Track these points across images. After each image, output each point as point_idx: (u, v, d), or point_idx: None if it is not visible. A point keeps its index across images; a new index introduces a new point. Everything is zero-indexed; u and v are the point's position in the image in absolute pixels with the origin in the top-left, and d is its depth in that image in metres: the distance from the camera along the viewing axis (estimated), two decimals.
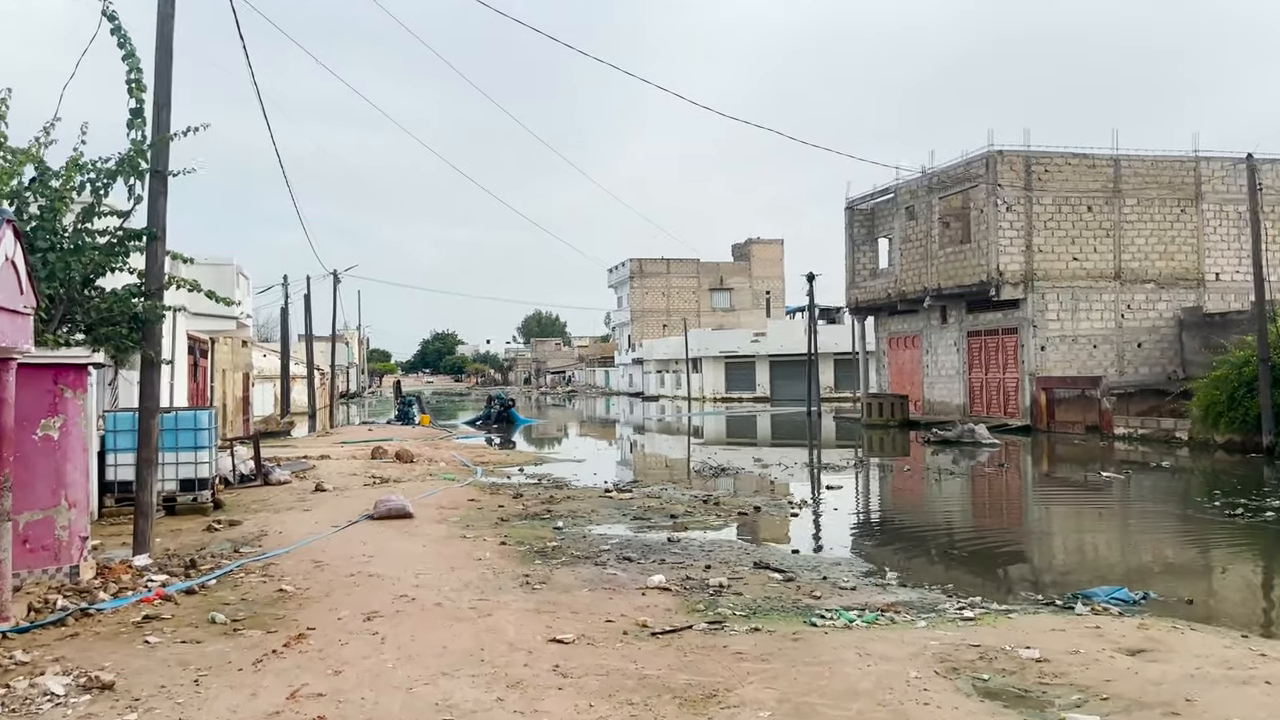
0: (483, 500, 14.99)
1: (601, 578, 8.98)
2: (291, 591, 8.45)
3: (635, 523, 12.79)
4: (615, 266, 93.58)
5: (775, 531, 12.52)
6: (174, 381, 19.64)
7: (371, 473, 19.01)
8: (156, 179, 10.27)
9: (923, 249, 33.47)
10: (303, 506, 14.37)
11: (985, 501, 16.04)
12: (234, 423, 29.75)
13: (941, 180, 32.60)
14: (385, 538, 11.39)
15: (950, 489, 17.42)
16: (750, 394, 64.71)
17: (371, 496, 15.37)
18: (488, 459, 22.64)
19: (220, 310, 21.98)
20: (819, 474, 19.91)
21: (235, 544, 11.35)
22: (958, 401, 33.46)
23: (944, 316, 34.05)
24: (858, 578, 9.23)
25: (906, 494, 16.84)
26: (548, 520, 12.95)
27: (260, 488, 16.84)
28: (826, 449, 28.19)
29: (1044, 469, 20.99)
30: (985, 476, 18.74)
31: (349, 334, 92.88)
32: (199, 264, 21.77)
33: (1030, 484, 18.41)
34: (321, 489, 16.30)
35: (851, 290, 38.59)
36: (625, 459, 25.33)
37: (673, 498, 15.20)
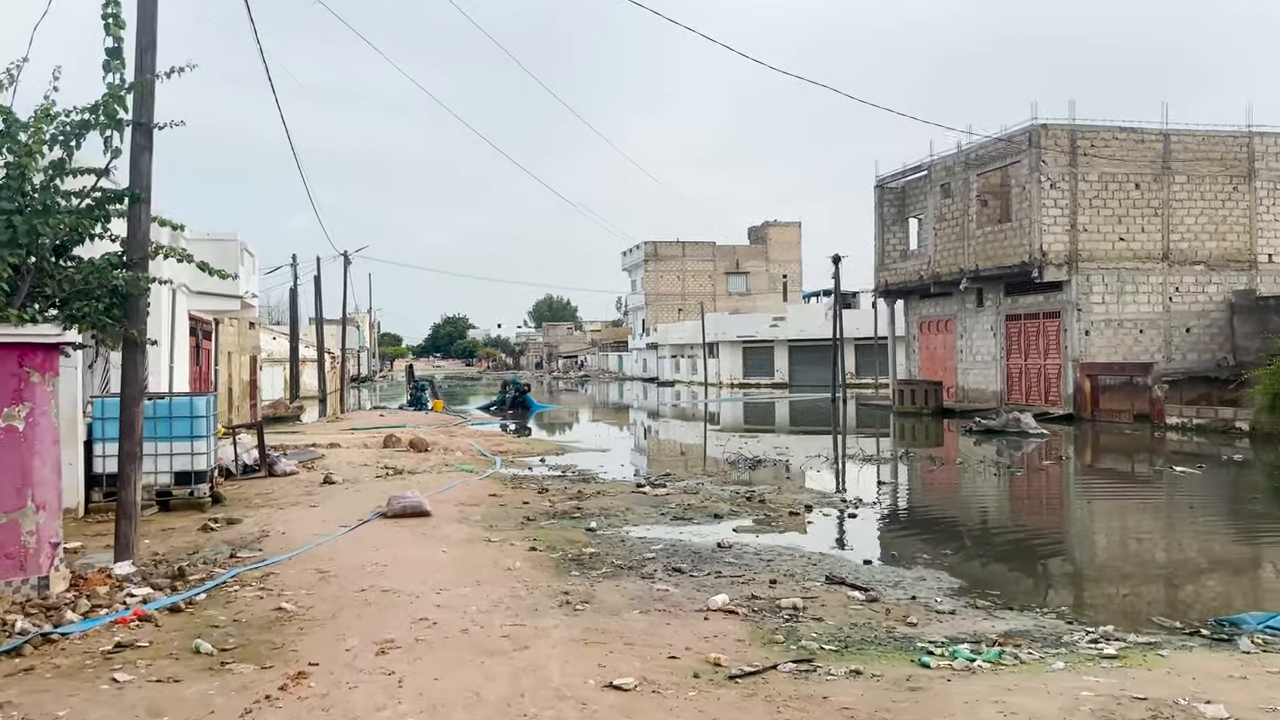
0: (505, 495, 13.74)
1: (652, 595, 7.70)
2: (292, 611, 7.20)
3: (676, 524, 11.50)
4: (629, 250, 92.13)
5: (836, 535, 11.21)
6: (174, 364, 18.42)
7: (384, 463, 17.79)
8: (139, 131, 8.97)
9: (959, 228, 31.97)
10: (309, 502, 13.14)
11: (1059, 501, 14.64)
12: (240, 408, 28.60)
13: (980, 156, 31.07)
14: (400, 541, 10.13)
15: (1015, 486, 16.03)
16: (768, 380, 63.33)
17: (384, 490, 14.14)
18: (506, 448, 21.40)
19: (224, 289, 20.77)
20: (864, 467, 18.59)
21: (232, 547, 10.13)
22: (994, 388, 32.03)
23: (980, 299, 32.59)
24: (951, 597, 7.92)
25: (968, 491, 15.47)
26: (579, 520, 11.68)
27: (264, 479, 15.64)
28: (860, 438, 26.84)
29: (1107, 463, 19.57)
30: (1046, 471, 17.37)
31: (360, 317, 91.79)
32: (200, 240, 20.53)
33: (1099, 480, 16.99)
34: (330, 481, 15.07)
35: (881, 272, 37.12)
36: (650, 449, 24.05)
37: (712, 494, 13.90)
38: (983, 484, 16.21)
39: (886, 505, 13.27)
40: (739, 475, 16.76)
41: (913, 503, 14.30)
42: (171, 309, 18.23)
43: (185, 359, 20.12)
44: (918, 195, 35.94)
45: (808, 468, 18.14)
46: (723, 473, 17.22)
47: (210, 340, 23.23)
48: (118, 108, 8.36)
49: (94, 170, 8.76)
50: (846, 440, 26.07)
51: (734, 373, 65.15)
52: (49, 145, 8.44)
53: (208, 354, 22.80)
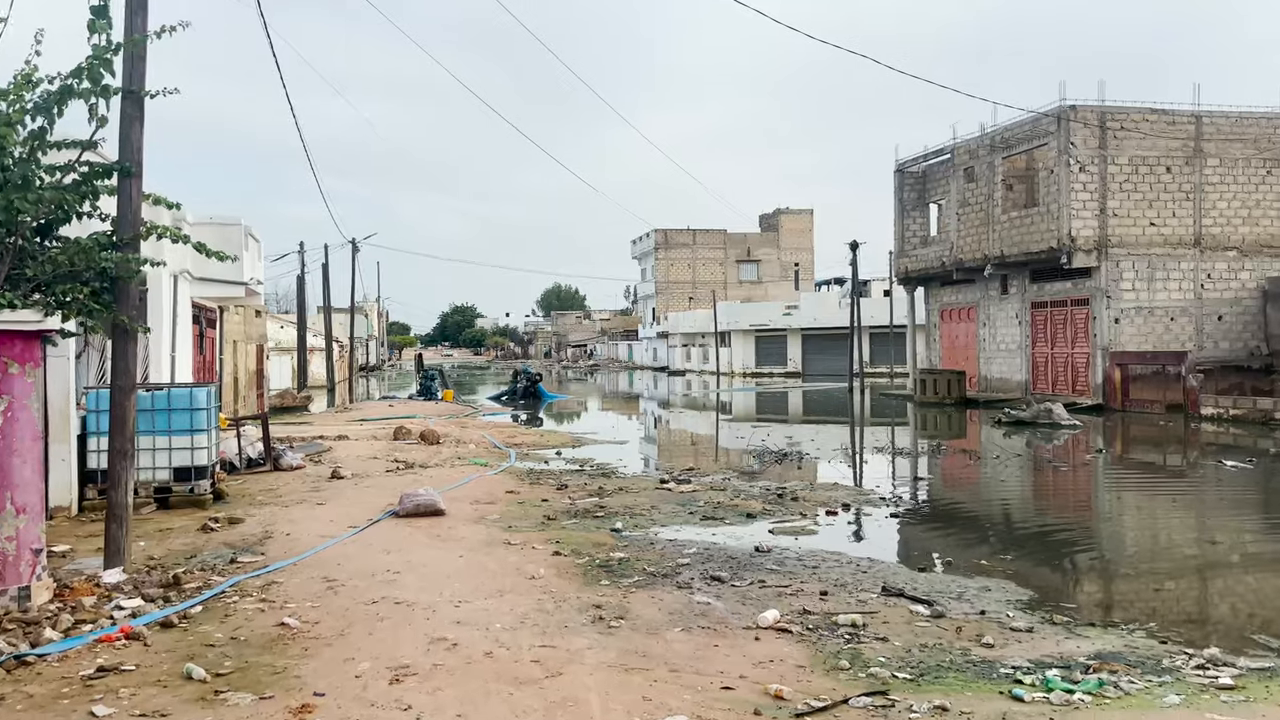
0: (522, 492, 13.02)
1: (693, 609, 6.97)
2: (296, 627, 6.49)
3: (707, 524, 10.77)
4: (639, 238, 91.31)
5: (882, 538, 10.46)
6: (175, 354, 17.75)
7: (394, 456, 17.10)
8: (129, 100, 8.24)
9: (983, 213, 31.08)
10: (316, 498, 12.46)
11: (1114, 499, 13.76)
12: (247, 398, 27.94)
13: (1005, 138, 30.14)
14: (414, 543, 9.43)
15: (1062, 482, 15.19)
16: (781, 369, 62.52)
17: (395, 486, 13.45)
18: (520, 440, 20.69)
19: (227, 274, 20.08)
20: (896, 462, 17.83)
21: (234, 550, 9.45)
22: (1019, 378, 31.20)
23: (1004, 287, 31.72)
24: (1023, 611, 7.17)
25: (1013, 488, 14.63)
26: (602, 520, 10.96)
27: (269, 473, 14.96)
28: (884, 430, 26.07)
29: (1151, 457, 18.69)
30: (1091, 466, 16.55)
31: (368, 306, 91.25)
32: (203, 224, 19.81)
33: (1150, 477, 16.13)
34: (338, 476, 14.39)
35: (901, 259, 36.24)
36: (668, 441, 23.32)
37: (741, 491, 13.15)
38: (1027, 480, 15.41)
39: (929, 503, 12.50)
40: (764, 469, 16.02)
41: (957, 500, 13.49)
42: (173, 296, 17.54)
43: (188, 348, 19.44)
44: (939, 179, 35.02)
45: (837, 462, 17.38)
46: (748, 467, 16.48)
47: (215, 328, 22.54)
48: (103, 71, 7.60)
49: (79, 143, 8.03)
50: (871, 432, 25.29)
51: (746, 362, 64.35)
52: (31, 116, 7.72)
53: (212, 342, 22.12)
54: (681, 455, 19.54)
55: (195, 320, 20.21)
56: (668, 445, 21.74)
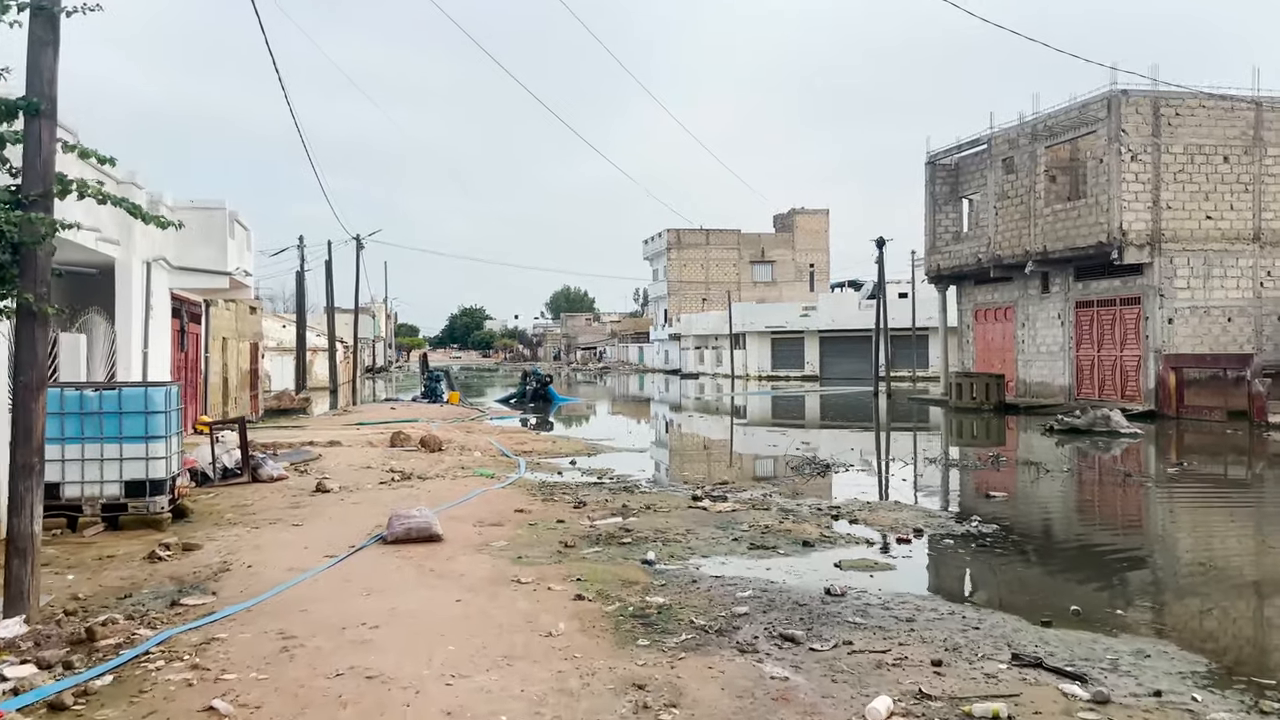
0: (534, 510, 11.21)
1: (767, 689, 5.14)
2: (227, 715, 4.69)
3: (757, 555, 8.94)
4: (651, 238, 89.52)
5: (978, 575, 8.60)
6: (149, 349, 15.98)
7: (390, 465, 15.32)
8: (38, 19, 6.48)
9: (1024, 206, 29.16)
10: (293, 517, 10.67)
11: (1237, 524, 11.75)
12: (239, 399, 26.21)
13: (1049, 127, 28.23)
14: (401, 581, 7.63)
15: (1162, 502, 13.19)
16: (798, 372, 60.59)
17: (387, 502, 11.66)
18: (530, 447, 18.88)
19: (209, 264, 18.32)
20: (953, 474, 15.97)
21: (180, 586, 7.69)
22: (1061, 382, 29.26)
23: (1045, 285, 29.78)
24: (1210, 690, 5.32)
25: (1108, 509, 12.62)
26: (631, 547, 9.15)
27: (246, 486, 13.19)
28: (924, 437, 24.19)
29: (1237, 472, 16.68)
30: (1182, 482, 14.58)
31: (375, 306, 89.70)
32: (183, 208, 18.07)
33: (1260, 495, 14.11)
34: (323, 489, 12.61)
35: (932, 256, 34.31)
36: (691, 449, 21.47)
37: (788, 511, 11.30)
38: (1118, 499, 13.44)
39: (1016, 528, 10.60)
40: (805, 482, 14.18)
41: (1048, 525, 11.52)
42: (145, 285, 15.79)
43: (165, 344, 17.69)
44: (974, 172, 33.10)
45: (888, 474, 15.50)
46: (787, 479, 14.64)
47: (200, 324, 20.81)
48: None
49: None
50: (911, 440, 23.42)
51: (762, 364, 62.45)
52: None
53: (196, 339, 20.39)
54: (709, 466, 17.72)
55: (175, 314, 18.48)
56: (692, 454, 19.91)
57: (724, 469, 16.87)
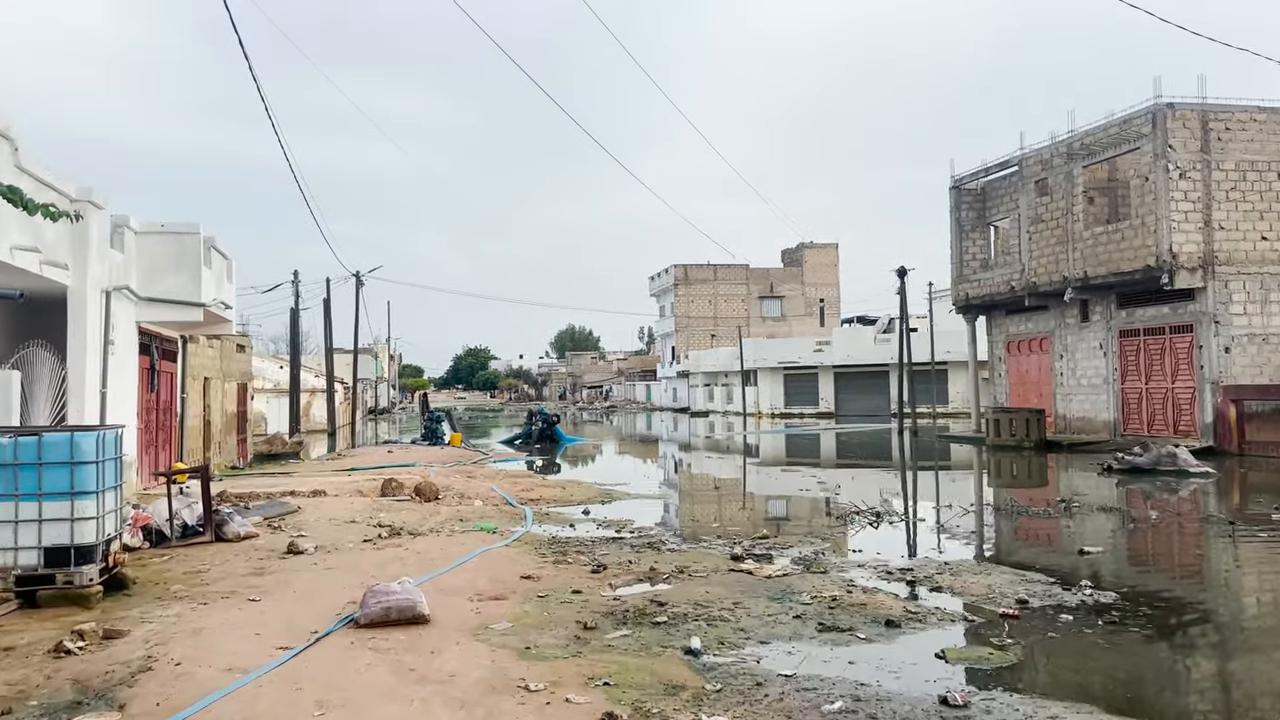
0: (544, 576, 9.28)
1: None
2: None
3: (829, 639, 7.02)
4: (658, 274, 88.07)
5: (1131, 671, 6.60)
6: (108, 389, 14.17)
7: (378, 518, 13.42)
8: None
9: (1060, 230, 27.41)
10: (252, 589, 8.77)
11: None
12: (224, 444, 24.36)
13: (1086, 145, 26.57)
14: (369, 692, 5.70)
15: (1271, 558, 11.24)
16: (812, 409, 58.61)
17: (367, 566, 9.76)
18: (537, 494, 16.97)
19: (180, 294, 16.56)
20: (1024, 523, 14.00)
21: (83, 693, 5.84)
22: (1105, 417, 27.29)
23: (1085, 313, 27.94)
24: None
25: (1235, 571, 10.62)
26: (667, 629, 7.24)
27: (208, 545, 11.29)
28: (962, 477, 22.22)
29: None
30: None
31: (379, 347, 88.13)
32: (152, 232, 16.37)
33: None
34: (295, 550, 10.70)
35: (959, 285, 32.51)
36: (717, 495, 19.50)
37: (850, 576, 9.36)
38: (1240, 553, 11.40)
39: (1140, 596, 8.62)
40: (854, 534, 12.25)
41: (1174, 591, 9.33)
42: (103, 316, 14.01)
43: (131, 382, 15.89)
44: (1003, 196, 31.42)
45: (950, 525, 13.53)
46: (833, 532, 12.70)
47: (175, 361, 19.02)
48: None
49: None
50: (956, 483, 21.45)
51: (774, 401, 60.48)
52: None
53: (170, 378, 18.58)
54: (739, 515, 15.78)
55: (144, 350, 16.69)
56: (716, 501, 17.95)
57: (757, 519, 14.91)
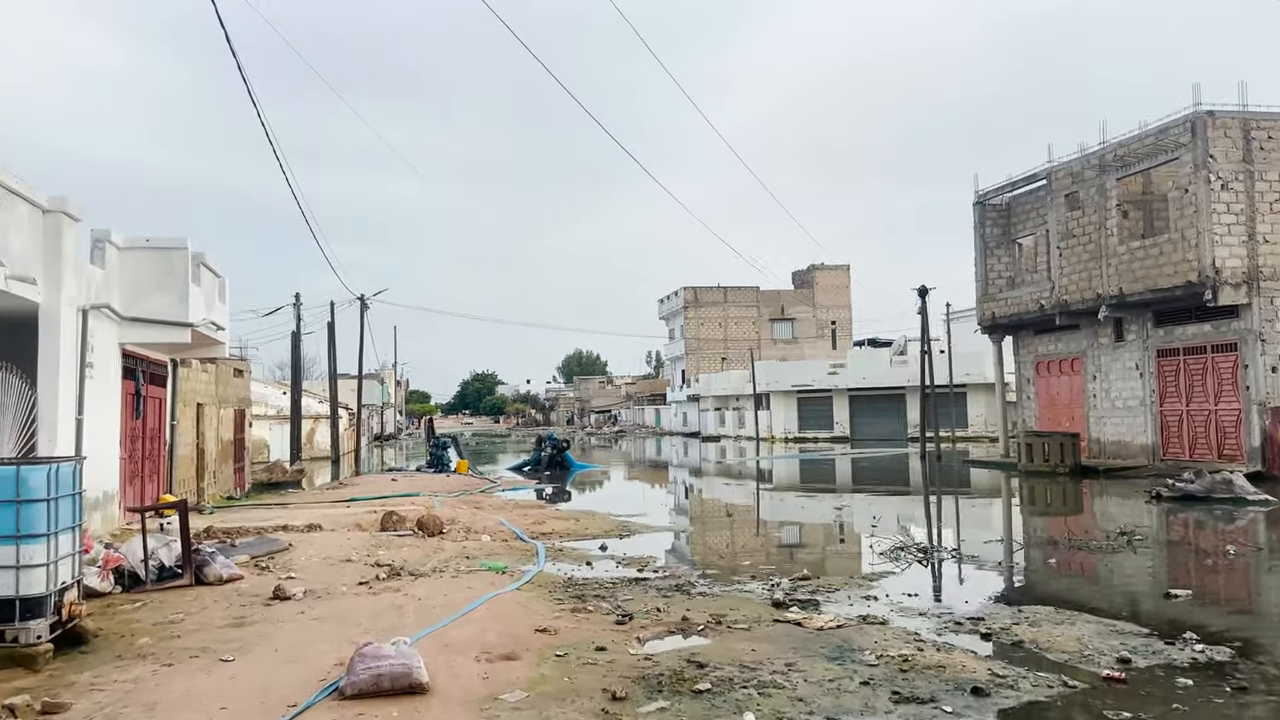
0: (561, 627, 8.10)
1: None
2: None
3: (906, 710, 5.83)
4: (667, 296, 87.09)
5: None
6: (83, 415, 13.07)
7: (376, 556, 12.26)
8: None
9: (1093, 245, 26.27)
10: (226, 645, 7.61)
11: None
12: (219, 473, 23.24)
13: (1120, 156, 25.48)
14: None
15: None
16: (827, 433, 57.30)
17: (360, 616, 8.60)
18: (549, 526, 15.78)
19: (166, 313, 15.49)
20: (1091, 560, 12.76)
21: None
22: (1142, 441, 26.02)
23: (1119, 332, 26.74)
24: None
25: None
26: (712, 698, 6.06)
27: (186, 589, 10.14)
28: (1004, 507, 20.97)
29: None
30: None
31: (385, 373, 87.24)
32: (136, 248, 15.34)
33: None
34: (282, 595, 9.54)
35: (985, 304, 31.34)
36: (743, 526, 18.27)
37: (913, 626, 8.17)
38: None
39: (1256, 651, 7.42)
40: (903, 571, 11.05)
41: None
42: (80, 336, 12.95)
43: (114, 409, 14.80)
44: (1029, 211, 30.35)
45: (1006, 562, 12.30)
46: (881, 570, 11.49)
47: (165, 386, 17.93)
48: None
49: None
50: (996, 513, 20.21)
51: (788, 426, 59.19)
52: None
53: (159, 404, 17.48)
54: (770, 550, 14.57)
55: (129, 374, 15.61)
56: (743, 534, 16.74)
57: (790, 555, 13.69)
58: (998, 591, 9.94)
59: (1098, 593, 10.30)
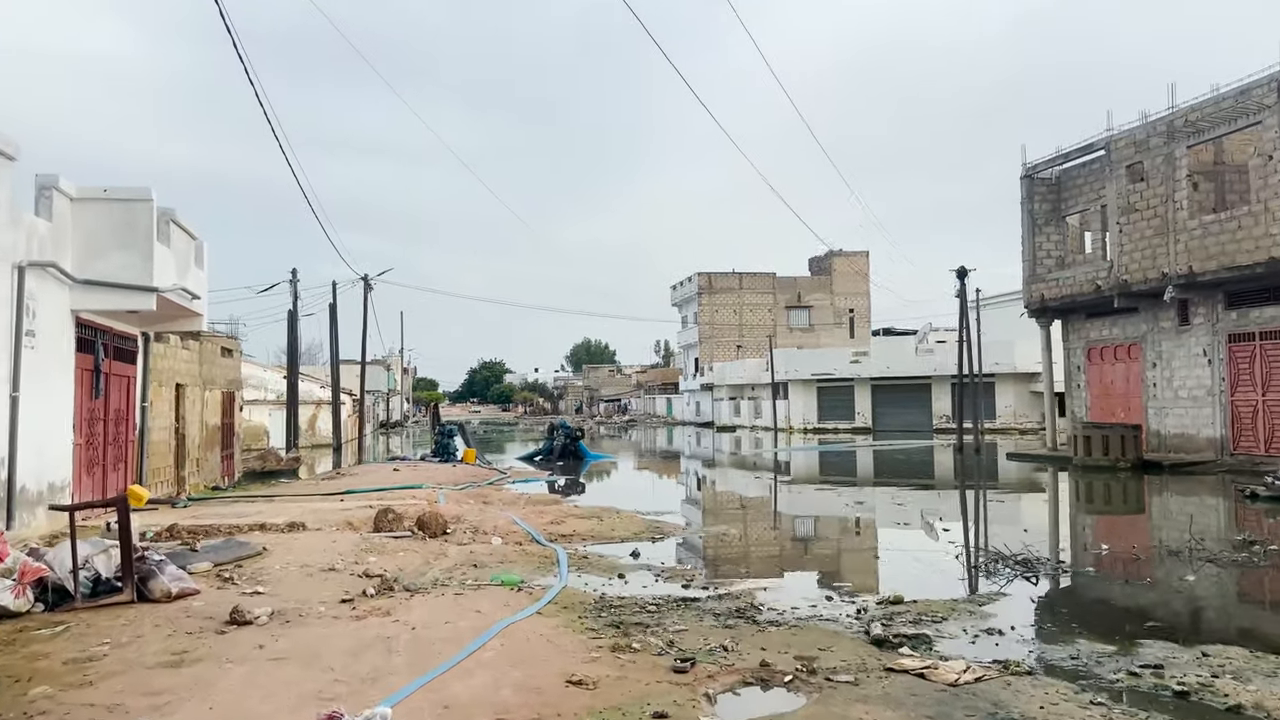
0: (600, 677, 6.03)
1: None
2: None
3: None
4: (680, 282, 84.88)
5: None
6: (19, 392, 11.05)
7: (366, 563, 10.24)
8: None
9: (1159, 221, 24.04)
10: (148, 702, 5.57)
11: None
12: (204, 461, 21.25)
13: (1192, 122, 23.23)
14: None
15: None
16: (848, 424, 55.14)
17: (335, 653, 6.54)
18: (569, 526, 13.73)
19: (128, 276, 13.46)
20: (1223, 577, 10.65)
21: None
22: (1209, 433, 23.84)
23: (1184, 315, 24.54)
24: None
25: None
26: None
27: (125, 608, 8.13)
28: (1075, 506, 18.86)
29: None
30: None
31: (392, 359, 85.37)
32: (92, 199, 13.25)
33: None
34: (240, 619, 7.51)
35: (1033, 285, 29.12)
36: (783, 526, 16.22)
37: (1067, 679, 6.09)
38: None
39: None
40: (1006, 585, 8.99)
41: None
42: (14, 299, 10.91)
43: (66, 387, 12.77)
44: (1083, 185, 28.11)
45: (1127, 576, 10.20)
46: (970, 583, 9.42)
47: (135, 363, 15.90)
48: None
49: None
50: (1075, 513, 18.13)
51: (807, 416, 57.03)
52: None
53: (126, 383, 15.44)
54: (828, 555, 12.51)
55: (86, 347, 13.57)
56: (793, 538, 14.66)
57: (859, 567, 11.60)
58: (1152, 622, 7.84)
59: (1272, 622, 8.19)
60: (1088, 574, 10.18)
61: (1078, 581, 9.89)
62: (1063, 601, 9.00)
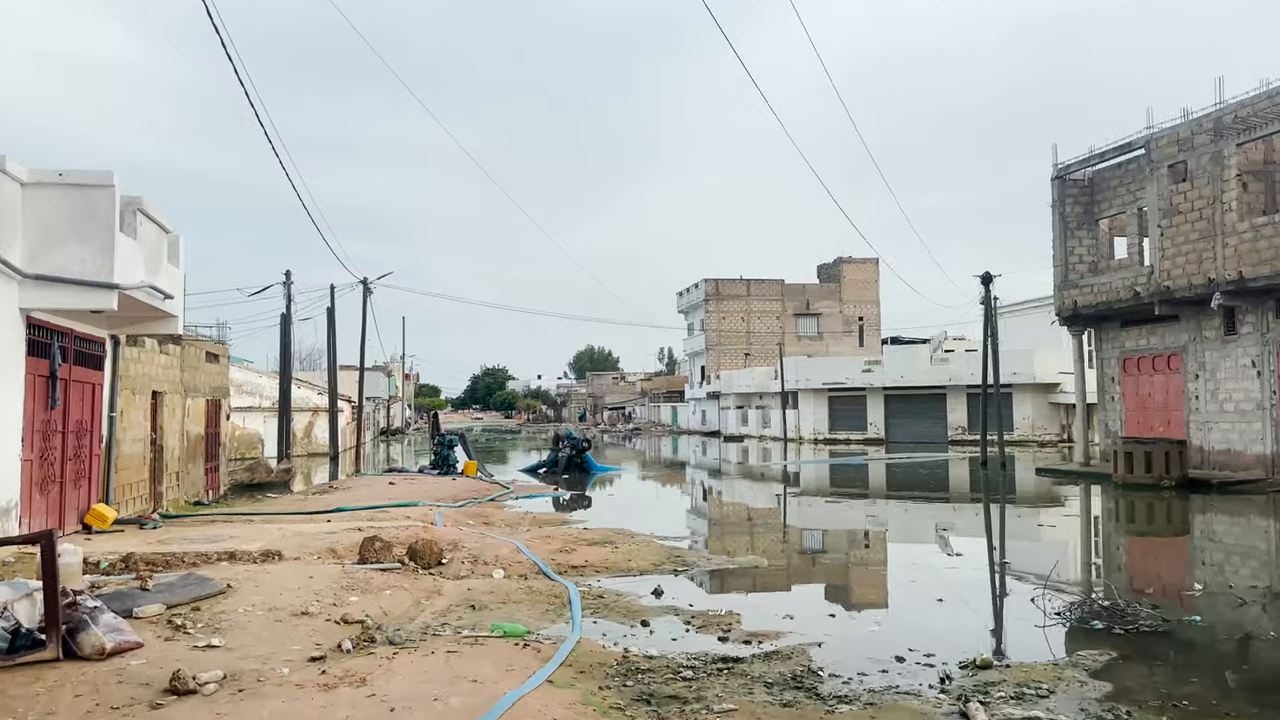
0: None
1: None
2: None
3: None
4: (686, 289, 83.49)
5: None
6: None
7: (346, 604, 8.77)
8: None
9: (1204, 224, 22.60)
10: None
11: None
12: (186, 474, 19.81)
13: (1242, 119, 21.80)
14: None
15: None
16: (860, 435, 53.62)
17: None
18: (580, 555, 12.26)
19: (86, 271, 12.05)
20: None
21: None
22: (1258, 450, 22.35)
23: (1230, 324, 23.08)
24: None
25: None
26: None
27: (48, 667, 6.67)
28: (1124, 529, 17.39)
29: None
30: None
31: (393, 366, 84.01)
32: (45, 184, 11.78)
33: None
34: (182, 688, 6.03)
35: (1066, 291, 27.66)
36: (816, 553, 14.75)
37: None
38: None
39: None
40: (1098, 629, 7.53)
41: None
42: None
43: (15, 393, 11.34)
44: (1117, 186, 26.67)
45: (1236, 624, 8.74)
46: (1056, 634, 7.95)
47: (101, 368, 14.46)
48: None
49: None
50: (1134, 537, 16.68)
51: (817, 426, 55.52)
52: None
53: (91, 391, 14.01)
54: (879, 595, 11.05)
55: (41, 351, 12.14)
56: (834, 570, 13.16)
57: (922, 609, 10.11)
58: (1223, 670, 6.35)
59: None
60: (1193, 624, 8.69)
61: (1186, 635, 8.39)
62: (1184, 663, 7.52)
